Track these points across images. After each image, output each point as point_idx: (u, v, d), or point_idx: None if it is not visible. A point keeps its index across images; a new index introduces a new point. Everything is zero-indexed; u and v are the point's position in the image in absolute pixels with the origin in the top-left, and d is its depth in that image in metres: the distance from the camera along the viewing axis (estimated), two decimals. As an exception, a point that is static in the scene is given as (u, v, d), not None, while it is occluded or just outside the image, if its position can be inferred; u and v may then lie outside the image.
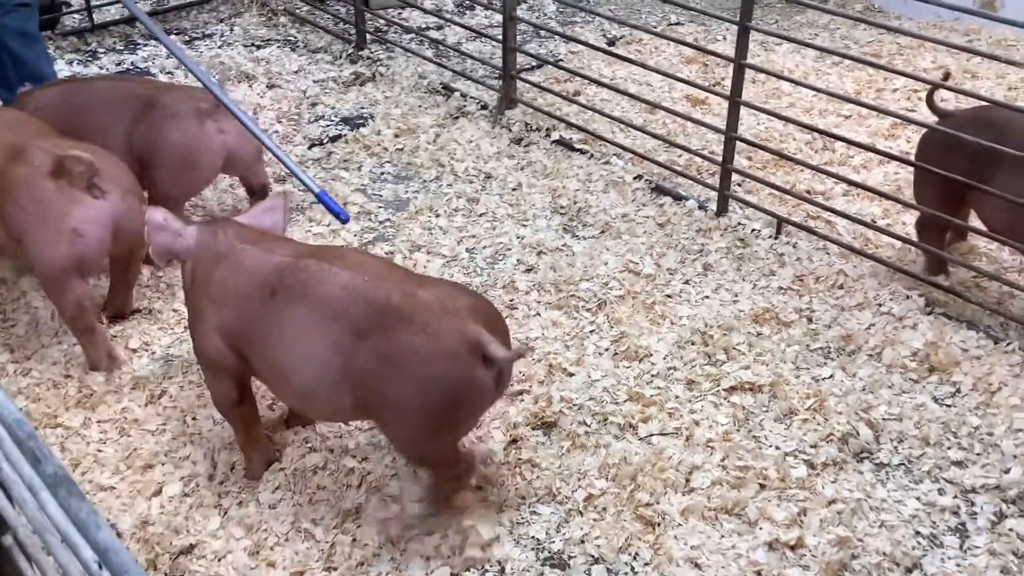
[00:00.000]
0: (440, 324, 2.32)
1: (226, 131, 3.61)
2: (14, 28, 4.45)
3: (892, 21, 5.89)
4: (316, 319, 2.43)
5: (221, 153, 3.63)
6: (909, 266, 3.62)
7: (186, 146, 3.55)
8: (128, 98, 3.61)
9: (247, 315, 2.54)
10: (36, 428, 2.93)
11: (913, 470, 2.84)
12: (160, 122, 3.54)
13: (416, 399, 2.35)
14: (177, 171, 3.58)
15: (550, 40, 5.69)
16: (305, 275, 2.49)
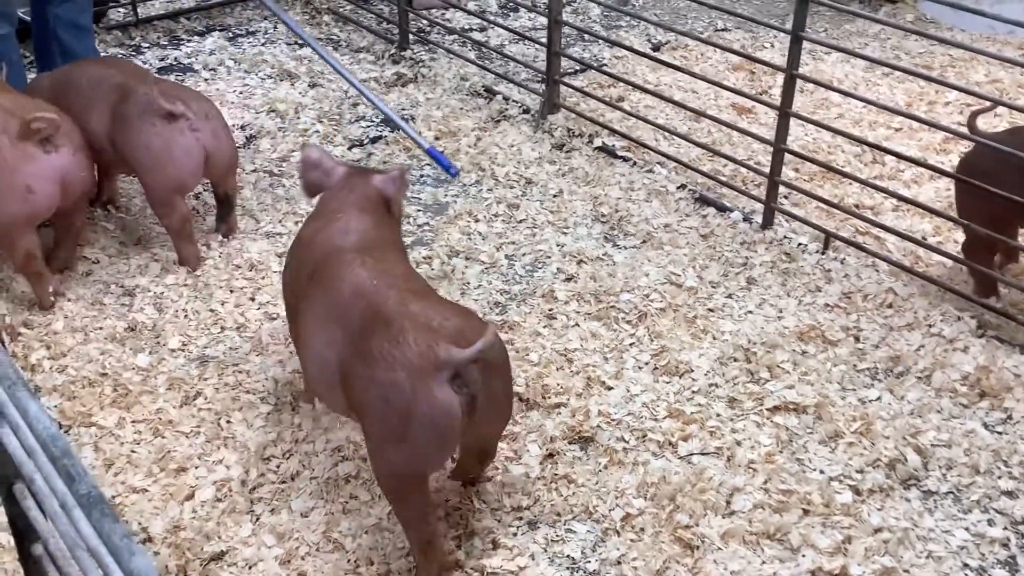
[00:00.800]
0: (413, 336, 2.30)
1: (200, 130, 3.53)
2: (66, 19, 4.46)
3: (944, 32, 5.76)
4: (326, 312, 2.50)
5: (199, 152, 3.53)
6: (960, 286, 3.52)
7: (156, 144, 3.48)
8: (109, 87, 3.59)
9: (294, 280, 2.72)
10: (71, 426, 2.94)
11: (962, 499, 2.76)
12: (131, 117, 3.50)
13: (377, 406, 2.33)
14: (152, 170, 3.52)
15: (594, 44, 5.62)
16: (334, 267, 2.55)
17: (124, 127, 3.51)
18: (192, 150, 3.52)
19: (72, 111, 3.56)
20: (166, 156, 3.49)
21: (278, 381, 3.12)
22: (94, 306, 3.48)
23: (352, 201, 2.82)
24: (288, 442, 2.88)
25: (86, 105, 3.60)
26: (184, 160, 3.51)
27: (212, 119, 3.60)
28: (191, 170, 3.55)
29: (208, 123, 3.57)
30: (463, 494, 2.70)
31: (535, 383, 3.10)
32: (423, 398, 2.27)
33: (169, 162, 3.50)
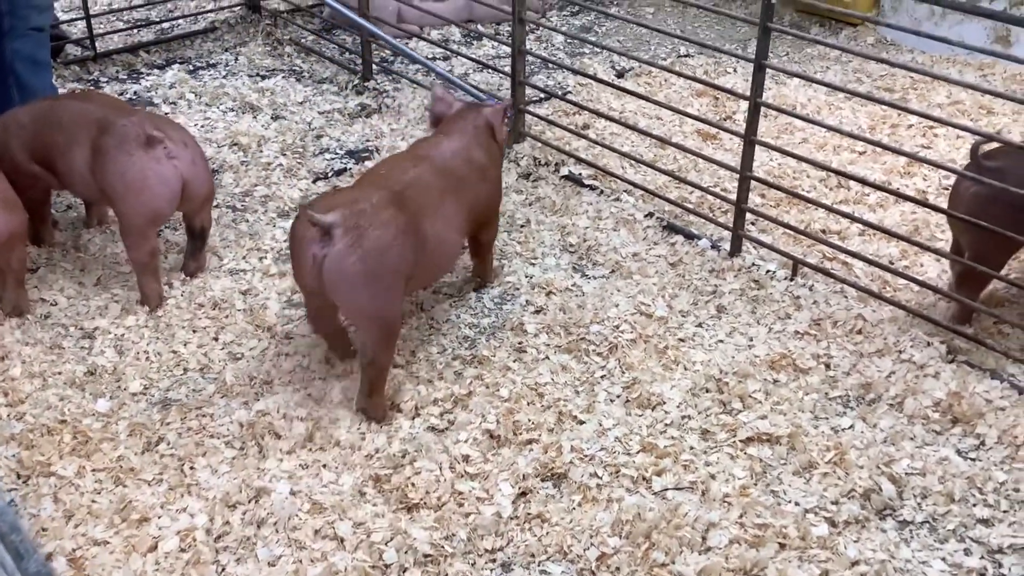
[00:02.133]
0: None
1: (178, 158, 3.49)
2: (24, 54, 4.37)
3: (904, 55, 5.82)
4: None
5: (176, 180, 3.49)
6: (929, 310, 3.53)
7: (132, 173, 3.44)
8: (89, 121, 3.55)
9: None
10: (30, 476, 2.85)
11: (938, 528, 2.74)
12: (109, 149, 3.46)
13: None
14: (129, 199, 3.48)
15: (558, 72, 5.62)
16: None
17: (103, 159, 3.47)
18: (169, 179, 3.48)
19: (56, 147, 3.56)
20: (142, 184, 3.44)
21: (243, 424, 3.05)
22: (53, 350, 3.39)
23: (459, 127, 3.46)
24: (254, 488, 2.81)
25: (69, 141, 3.56)
26: (161, 189, 3.47)
27: (190, 147, 3.56)
28: (167, 199, 3.51)
29: (187, 151, 3.53)
30: (434, 543, 2.64)
31: (506, 419, 3.05)
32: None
33: (145, 190, 3.45)
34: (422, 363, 3.34)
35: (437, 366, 3.33)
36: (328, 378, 3.28)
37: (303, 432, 3.03)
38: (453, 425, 3.07)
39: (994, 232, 3.14)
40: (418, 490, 2.80)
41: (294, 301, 3.68)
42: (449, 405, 3.15)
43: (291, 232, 3.04)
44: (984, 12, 3.23)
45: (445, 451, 2.94)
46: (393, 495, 2.80)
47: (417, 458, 2.92)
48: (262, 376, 3.28)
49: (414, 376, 3.27)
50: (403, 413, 3.12)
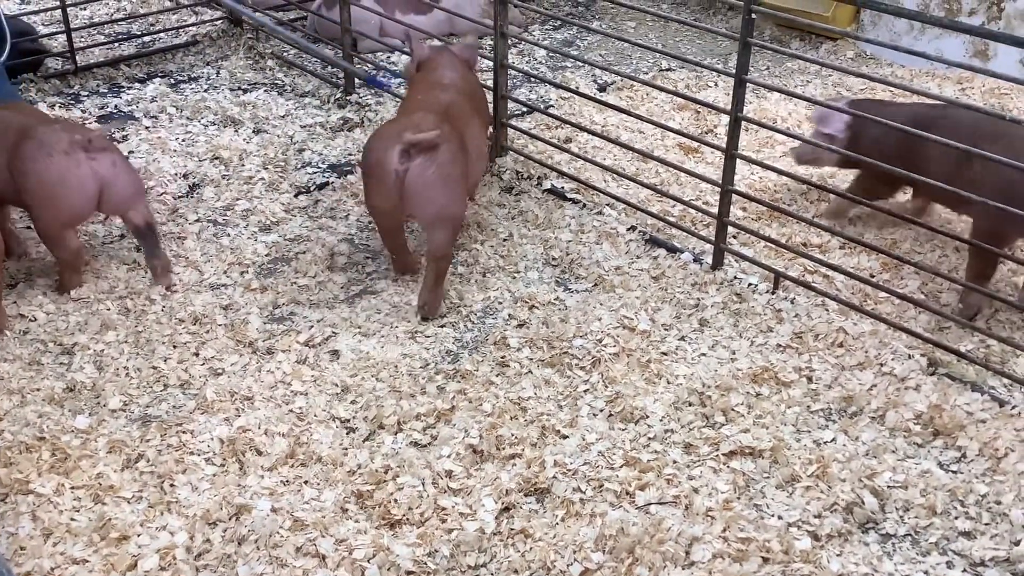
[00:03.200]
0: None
1: (98, 161, 3.60)
2: None
3: (884, 69, 5.86)
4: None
5: (93, 185, 3.60)
6: (909, 323, 3.54)
7: (52, 178, 3.54)
8: (7, 129, 3.65)
9: None
10: (7, 495, 2.82)
11: (920, 541, 2.74)
12: (28, 153, 3.55)
13: None
14: (45, 203, 3.58)
15: (540, 85, 5.63)
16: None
17: (22, 163, 3.56)
18: (86, 182, 3.59)
19: None
20: (59, 188, 3.56)
21: (224, 440, 3.03)
22: (31, 366, 3.36)
23: (448, 61, 4.12)
24: (235, 505, 2.78)
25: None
26: (77, 192, 3.59)
27: (110, 151, 3.68)
28: (84, 201, 3.62)
29: (106, 154, 3.64)
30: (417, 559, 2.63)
31: (489, 434, 3.04)
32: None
33: (62, 194, 3.56)
34: (404, 377, 3.33)
35: (420, 380, 3.32)
36: (310, 393, 3.26)
37: (284, 448, 3.01)
38: (436, 440, 3.06)
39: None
40: (401, 506, 2.79)
41: (276, 316, 3.66)
42: (432, 420, 3.14)
43: (372, 161, 3.53)
44: (962, 27, 3.26)
45: (428, 466, 2.93)
46: (375, 511, 2.78)
47: (400, 474, 2.90)
48: (243, 392, 3.26)
49: (396, 391, 3.26)
50: (385, 428, 3.11)
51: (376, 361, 3.41)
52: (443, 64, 4.10)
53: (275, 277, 3.88)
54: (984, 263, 3.51)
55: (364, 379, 3.33)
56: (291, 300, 3.75)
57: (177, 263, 3.93)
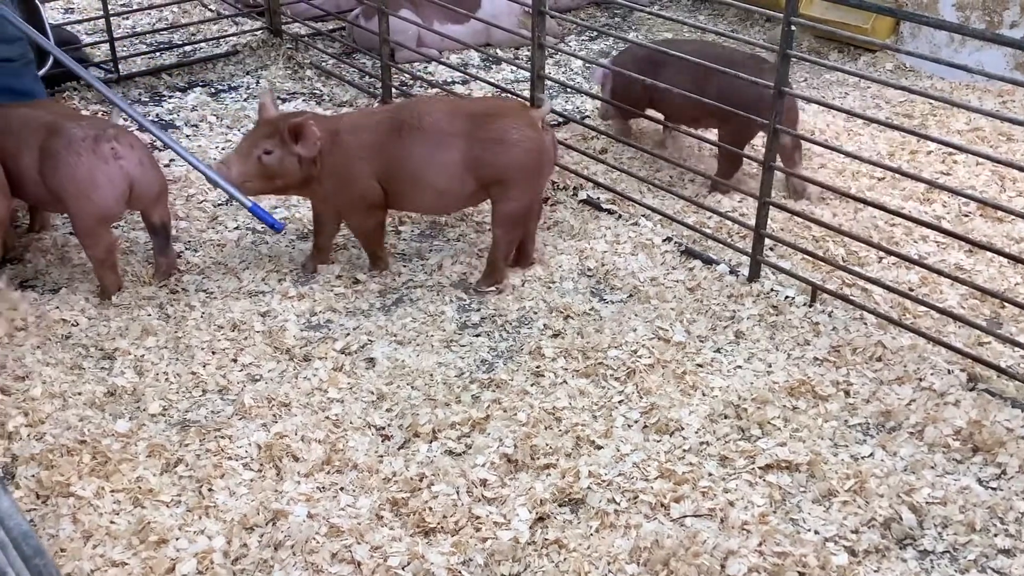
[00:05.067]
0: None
1: (125, 158, 3.64)
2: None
3: (923, 81, 5.81)
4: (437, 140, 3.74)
5: (123, 181, 3.65)
6: (949, 338, 3.51)
7: (82, 175, 3.59)
8: (37, 126, 3.71)
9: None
10: (48, 497, 2.86)
11: (959, 559, 2.71)
12: (57, 150, 3.60)
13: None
14: (78, 200, 3.63)
15: (576, 96, 5.64)
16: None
17: (51, 161, 3.62)
18: (116, 179, 3.64)
19: (6, 151, 3.72)
20: (91, 185, 3.61)
21: (261, 446, 3.06)
22: (73, 370, 3.41)
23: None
24: (271, 510, 2.81)
25: (19, 147, 3.70)
26: (108, 188, 3.63)
27: (137, 149, 3.72)
28: (115, 198, 3.67)
29: (133, 152, 3.69)
30: (452, 568, 2.64)
31: (523, 443, 3.05)
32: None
33: (94, 191, 3.61)
34: (440, 386, 3.34)
35: (455, 389, 3.33)
36: (346, 401, 3.29)
37: (321, 455, 3.03)
38: (471, 449, 3.07)
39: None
40: (435, 514, 2.80)
41: (312, 323, 3.69)
42: (467, 429, 3.15)
43: (540, 145, 3.76)
44: (1004, 40, 3.23)
45: (462, 475, 2.94)
46: (410, 519, 2.80)
47: (434, 482, 2.92)
48: (280, 398, 3.29)
49: (431, 399, 3.27)
50: (420, 437, 3.12)
51: (411, 369, 3.43)
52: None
53: (312, 285, 3.92)
54: (730, 163, 4.48)
55: (399, 387, 3.35)
56: (327, 307, 3.78)
57: (216, 270, 3.98)
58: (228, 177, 3.64)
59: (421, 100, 4.02)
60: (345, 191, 3.78)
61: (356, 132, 3.77)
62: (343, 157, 3.73)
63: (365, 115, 3.97)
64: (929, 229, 3.84)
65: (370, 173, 3.76)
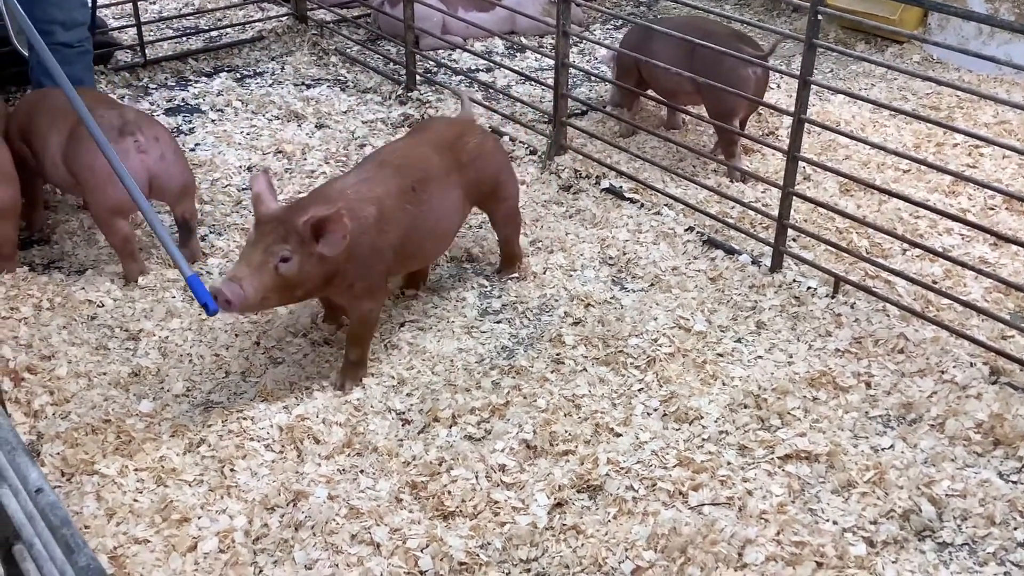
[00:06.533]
0: None
1: (147, 152, 3.65)
2: (42, 69, 4.44)
3: (951, 73, 5.76)
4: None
5: (142, 176, 3.62)
6: (972, 331, 3.49)
7: (100, 165, 3.52)
8: (69, 110, 3.61)
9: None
10: (73, 474, 2.90)
11: (978, 551, 2.70)
12: (81, 137, 3.59)
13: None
14: (94, 190, 3.66)
15: (600, 84, 5.63)
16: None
17: (75, 147, 3.65)
18: (136, 172, 3.57)
19: (38, 132, 3.79)
20: (108, 178, 3.53)
21: (282, 428, 3.08)
22: (98, 351, 3.45)
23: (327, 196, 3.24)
24: (292, 491, 2.84)
25: (49, 128, 3.75)
26: None
27: (162, 142, 3.71)
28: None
29: (157, 145, 3.69)
30: (470, 551, 2.65)
31: (542, 430, 3.06)
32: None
33: (111, 184, 3.54)
34: (460, 372, 3.36)
35: (475, 375, 3.35)
36: (367, 385, 3.31)
37: (341, 437, 3.06)
38: (490, 434, 3.09)
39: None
40: (454, 498, 2.82)
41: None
42: (486, 414, 3.16)
43: (499, 140, 3.95)
44: (1034, 31, 3.19)
45: (482, 460, 2.95)
46: (429, 502, 2.82)
47: (454, 466, 2.93)
48: (302, 381, 3.32)
49: (452, 385, 3.29)
50: (440, 422, 3.14)
51: (432, 355, 3.45)
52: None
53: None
54: (726, 139, 4.48)
55: (420, 372, 3.37)
56: (350, 292, 3.80)
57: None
58: (244, 299, 2.91)
59: (397, 152, 3.46)
60: (370, 271, 3.21)
61: (372, 203, 3.20)
62: (366, 235, 3.15)
63: (367, 183, 3.26)
64: (954, 221, 3.81)
65: (390, 245, 3.26)
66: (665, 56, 4.36)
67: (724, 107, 4.40)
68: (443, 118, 4.03)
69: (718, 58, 4.13)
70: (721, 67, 4.20)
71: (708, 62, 4.23)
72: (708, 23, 4.69)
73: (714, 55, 4.10)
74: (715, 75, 4.13)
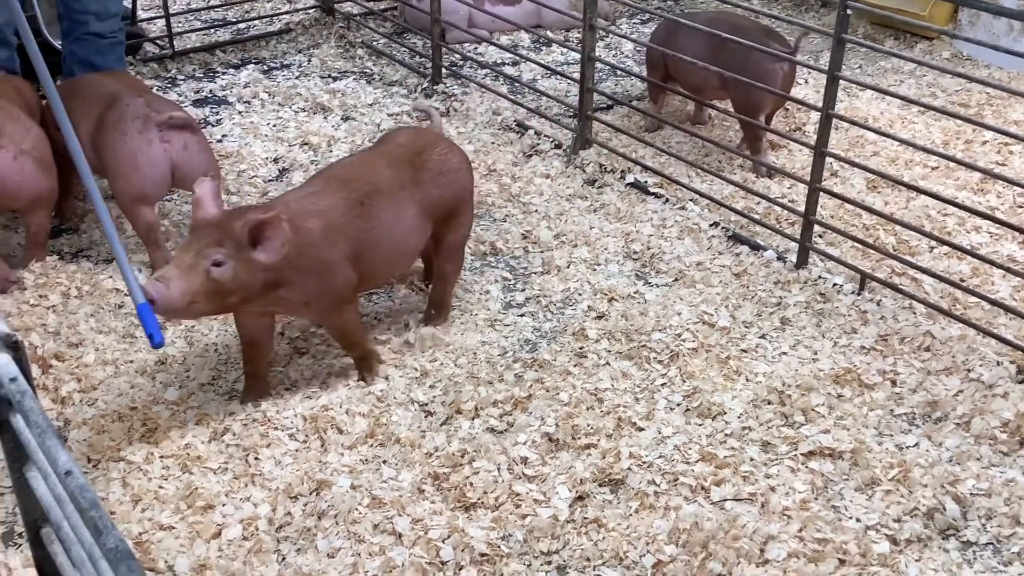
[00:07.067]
0: None
1: (170, 142, 3.66)
2: (80, 57, 4.52)
3: (981, 70, 5.71)
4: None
5: (164, 164, 3.66)
6: (999, 329, 3.46)
7: (124, 154, 3.63)
8: (101, 95, 3.78)
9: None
10: (100, 460, 2.93)
11: (1002, 551, 2.68)
12: (108, 124, 3.67)
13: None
14: (117, 177, 3.69)
15: (626, 79, 5.62)
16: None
17: (102, 134, 3.69)
18: (157, 161, 3.64)
19: (73, 118, 3.72)
20: (131, 166, 3.64)
21: (306, 418, 3.10)
22: (125, 339, 3.49)
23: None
24: (315, 480, 2.86)
25: (84, 112, 3.77)
26: (147, 170, 3.65)
27: (186, 132, 3.72)
28: (154, 180, 3.68)
29: (180, 135, 3.69)
30: (491, 542, 2.66)
31: (565, 423, 3.06)
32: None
33: (133, 171, 3.63)
34: (483, 364, 3.36)
35: (498, 368, 3.35)
36: (391, 376, 3.32)
37: (364, 428, 3.07)
38: (512, 427, 3.09)
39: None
40: (476, 489, 2.82)
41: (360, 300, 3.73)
42: (509, 407, 3.17)
43: (467, 158, 3.56)
44: (1067, 27, 3.16)
45: (504, 452, 2.96)
46: (451, 493, 2.83)
47: (476, 458, 2.94)
48: (325, 372, 3.34)
49: (474, 377, 3.30)
50: (463, 414, 3.15)
51: (455, 347, 3.46)
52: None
53: (359, 261, 3.95)
54: (751, 135, 4.50)
55: (443, 364, 3.38)
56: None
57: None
58: (168, 299, 2.73)
59: (347, 166, 3.33)
60: (326, 286, 3.08)
61: (317, 216, 3.06)
62: (313, 248, 3.00)
63: (313, 196, 3.13)
64: (982, 219, 3.78)
65: (344, 258, 3.11)
66: (692, 51, 4.36)
67: (750, 102, 4.38)
68: (410, 129, 3.75)
69: (745, 53, 4.12)
70: (748, 62, 4.19)
71: (735, 57, 4.22)
72: (736, 18, 4.66)
73: (741, 49, 4.08)
74: (741, 70, 4.13)
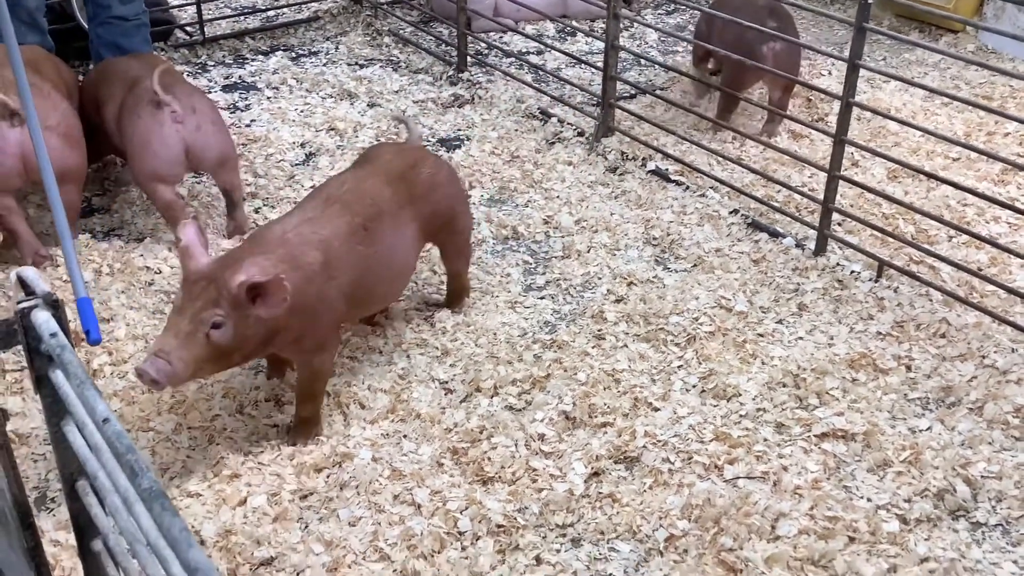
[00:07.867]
0: None
1: (183, 123, 3.74)
2: (107, 40, 4.63)
3: (1005, 63, 5.70)
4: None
5: (178, 145, 3.73)
6: (1016, 318, 3.48)
7: (140, 135, 3.73)
8: (126, 78, 3.89)
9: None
10: (130, 431, 3.01)
11: (1011, 532, 2.72)
12: (127, 106, 3.77)
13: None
14: (134, 157, 3.80)
15: (649, 68, 5.66)
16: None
17: (123, 115, 3.80)
18: (169, 142, 3.72)
19: (102, 103, 3.94)
20: (145, 146, 3.73)
21: (330, 392, 3.18)
22: (155, 315, 3.58)
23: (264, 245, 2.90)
24: (338, 453, 2.93)
25: (110, 95, 3.91)
26: (160, 151, 3.73)
27: (199, 113, 3.78)
28: (168, 160, 3.76)
29: (193, 117, 3.76)
30: (507, 514, 2.73)
31: (582, 402, 3.12)
32: None
33: (146, 151, 3.73)
34: (503, 345, 3.43)
35: (517, 348, 3.42)
36: (412, 355, 3.39)
37: (386, 404, 3.15)
38: (530, 405, 3.15)
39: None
40: (494, 464, 2.89)
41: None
42: (527, 386, 3.23)
43: (453, 167, 3.57)
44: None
45: (521, 429, 3.02)
46: (469, 467, 2.89)
47: (494, 434, 3.01)
48: (349, 349, 3.41)
49: (494, 357, 3.36)
50: (482, 392, 3.21)
51: (476, 328, 3.52)
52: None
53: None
54: (725, 103, 4.74)
55: (464, 344, 3.45)
56: (398, 266, 3.88)
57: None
58: (172, 375, 2.60)
59: (345, 186, 3.10)
60: (318, 323, 2.91)
61: (318, 247, 2.89)
62: (312, 284, 2.85)
63: (312, 223, 2.95)
64: (1002, 209, 3.80)
65: (341, 292, 2.96)
66: (728, 37, 4.52)
67: (736, 76, 4.66)
68: (392, 145, 3.71)
69: (737, 29, 4.36)
70: (741, 39, 4.41)
71: (727, 32, 4.50)
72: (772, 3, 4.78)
73: (733, 26, 4.32)
74: (734, 45, 4.40)
